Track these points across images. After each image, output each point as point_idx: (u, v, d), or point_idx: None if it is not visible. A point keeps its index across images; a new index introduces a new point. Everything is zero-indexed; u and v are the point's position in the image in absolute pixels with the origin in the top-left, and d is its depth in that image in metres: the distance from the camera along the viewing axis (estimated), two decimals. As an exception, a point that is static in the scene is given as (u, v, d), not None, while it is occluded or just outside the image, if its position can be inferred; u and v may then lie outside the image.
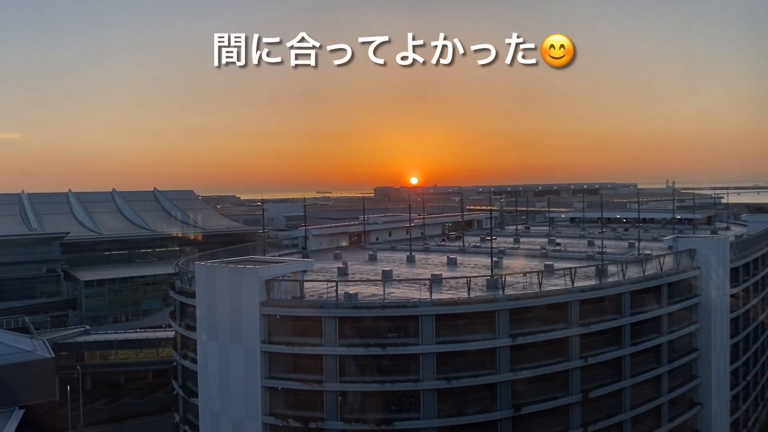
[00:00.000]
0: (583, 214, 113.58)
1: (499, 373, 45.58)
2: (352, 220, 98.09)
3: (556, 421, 48.44)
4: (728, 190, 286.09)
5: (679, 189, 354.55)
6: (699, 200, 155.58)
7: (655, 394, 54.87)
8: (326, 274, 59.04)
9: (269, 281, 45.55)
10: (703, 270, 58.79)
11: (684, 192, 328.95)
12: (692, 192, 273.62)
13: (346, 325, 44.52)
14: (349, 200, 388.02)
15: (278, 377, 45.31)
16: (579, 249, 74.00)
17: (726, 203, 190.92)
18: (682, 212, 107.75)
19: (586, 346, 49.24)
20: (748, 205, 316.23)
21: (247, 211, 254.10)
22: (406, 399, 44.90)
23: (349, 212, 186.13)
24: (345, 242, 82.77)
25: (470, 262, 66.09)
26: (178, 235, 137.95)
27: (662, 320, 54.98)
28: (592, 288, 50.25)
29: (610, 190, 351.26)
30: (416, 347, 44.27)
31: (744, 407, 67.76)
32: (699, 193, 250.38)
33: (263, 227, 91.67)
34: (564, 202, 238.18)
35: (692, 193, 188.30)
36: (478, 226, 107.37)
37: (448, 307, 44.99)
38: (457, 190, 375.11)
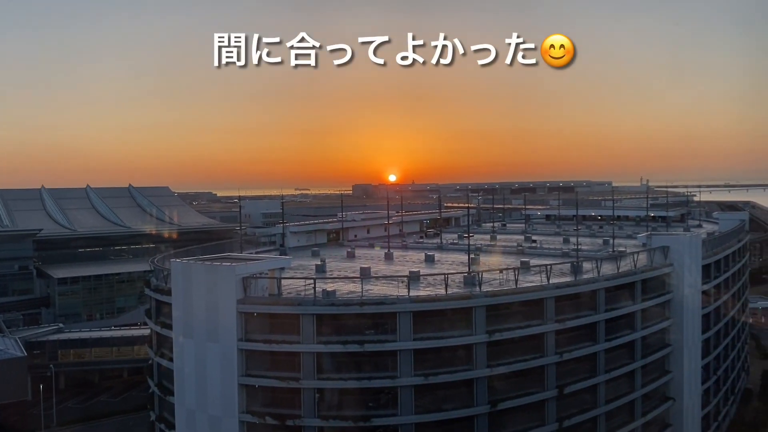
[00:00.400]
0: (559, 212, 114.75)
1: (476, 369, 45.92)
2: (331, 217, 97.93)
3: (532, 416, 48.98)
4: (700, 188, 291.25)
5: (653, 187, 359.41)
6: (672, 198, 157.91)
7: (629, 389, 55.71)
8: (304, 271, 58.91)
9: (246, 279, 45.33)
10: (675, 267, 59.80)
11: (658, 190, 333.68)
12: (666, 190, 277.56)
13: (323, 323, 44.51)
14: (328, 197, 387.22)
15: (255, 375, 45.14)
16: (554, 246, 74.76)
17: (698, 201, 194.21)
18: (655, 210, 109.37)
19: (561, 342, 49.83)
20: (719, 203, 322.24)
21: (224, 208, 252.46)
22: (383, 395, 45.04)
23: (328, 209, 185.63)
24: (323, 239, 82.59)
25: (448, 259, 66.41)
26: (154, 232, 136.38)
27: (636, 316, 55.83)
28: (568, 285, 50.83)
29: (585, 188, 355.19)
30: (394, 344, 44.42)
31: (715, 401, 69.13)
32: (672, 191, 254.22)
33: (240, 224, 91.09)
34: (540, 200, 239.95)
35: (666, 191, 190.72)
36: (455, 224, 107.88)
37: (425, 304, 45.20)
38: (435, 188, 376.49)
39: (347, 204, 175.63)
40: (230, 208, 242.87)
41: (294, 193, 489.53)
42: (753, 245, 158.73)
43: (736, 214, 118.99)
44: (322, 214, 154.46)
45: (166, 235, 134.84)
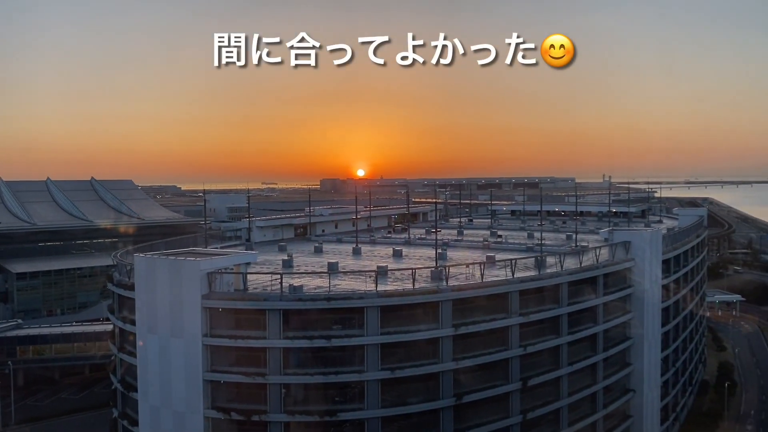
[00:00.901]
0: (524, 207, 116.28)
1: (442, 363, 46.33)
2: (298, 212, 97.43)
3: (497, 408, 49.63)
4: (661, 184, 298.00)
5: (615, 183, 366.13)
6: (634, 194, 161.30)
7: (591, 381, 56.84)
8: (270, 266, 58.51)
9: (211, 274, 44.83)
10: (636, 261, 61.13)
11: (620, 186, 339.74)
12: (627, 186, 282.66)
13: (290, 318, 44.35)
14: (295, 191, 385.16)
15: (220, 371, 44.75)
16: (519, 241, 75.70)
17: (659, 197, 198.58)
18: (617, 206, 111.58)
19: (525, 335, 50.57)
20: (679, 199, 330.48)
21: (189, 202, 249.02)
22: (350, 390, 45.13)
23: (295, 204, 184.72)
24: (290, 234, 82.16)
25: (415, 254, 66.73)
26: (117, 226, 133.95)
27: (598, 310, 56.94)
28: (532, 279, 51.56)
29: (549, 184, 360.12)
30: (361, 339, 44.50)
31: (673, 393, 70.98)
32: (634, 187, 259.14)
33: (205, 218, 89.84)
34: (506, 196, 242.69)
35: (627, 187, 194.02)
36: (423, 219, 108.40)
37: (393, 299, 45.35)
38: (403, 183, 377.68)
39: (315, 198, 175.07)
40: (195, 202, 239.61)
41: (261, 187, 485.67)
42: (711, 240, 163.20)
43: (695, 210, 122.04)
44: (290, 209, 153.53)
45: (130, 229, 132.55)
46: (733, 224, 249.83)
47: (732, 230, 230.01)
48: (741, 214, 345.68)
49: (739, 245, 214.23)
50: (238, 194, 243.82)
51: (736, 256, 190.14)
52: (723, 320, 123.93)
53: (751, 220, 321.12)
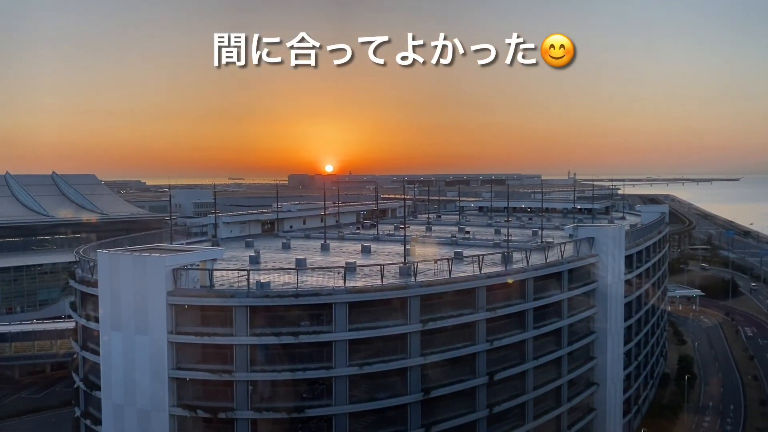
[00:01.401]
0: (491, 204, 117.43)
1: (410, 358, 46.56)
2: (265, 208, 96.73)
3: (464, 403, 50.08)
4: (624, 181, 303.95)
5: (579, 180, 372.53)
6: (598, 191, 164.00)
7: (556, 375, 57.76)
8: (237, 262, 58.07)
9: (176, 270, 44.30)
10: (600, 257, 62.24)
11: (584, 183, 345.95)
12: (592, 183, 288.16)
13: (257, 314, 44.06)
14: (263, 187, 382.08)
15: (186, 368, 44.27)
16: (486, 237, 76.40)
17: (622, 194, 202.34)
18: (582, 202, 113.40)
19: (492, 330, 51.13)
20: (642, 196, 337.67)
21: (154, 197, 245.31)
22: (318, 386, 45.05)
23: (262, 199, 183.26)
24: (257, 230, 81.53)
25: (384, 250, 66.85)
26: (79, 221, 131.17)
27: (563, 305, 57.85)
28: (498, 274, 52.12)
29: (516, 180, 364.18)
30: (329, 335, 44.45)
31: (635, 386, 72.54)
32: (598, 184, 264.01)
33: (170, 214, 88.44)
34: (473, 192, 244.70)
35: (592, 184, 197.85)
36: (392, 215, 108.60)
37: (361, 295, 45.40)
38: (371, 179, 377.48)
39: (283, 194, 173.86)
40: (160, 197, 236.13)
41: (228, 182, 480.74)
42: (672, 237, 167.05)
43: (657, 207, 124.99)
44: (257, 204, 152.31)
45: (93, 224, 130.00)
46: (693, 221, 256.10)
47: (692, 227, 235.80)
48: (701, 211, 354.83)
49: (699, 241, 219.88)
50: (204, 189, 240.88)
51: (697, 252, 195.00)
52: (683, 314, 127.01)
53: (711, 217, 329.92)
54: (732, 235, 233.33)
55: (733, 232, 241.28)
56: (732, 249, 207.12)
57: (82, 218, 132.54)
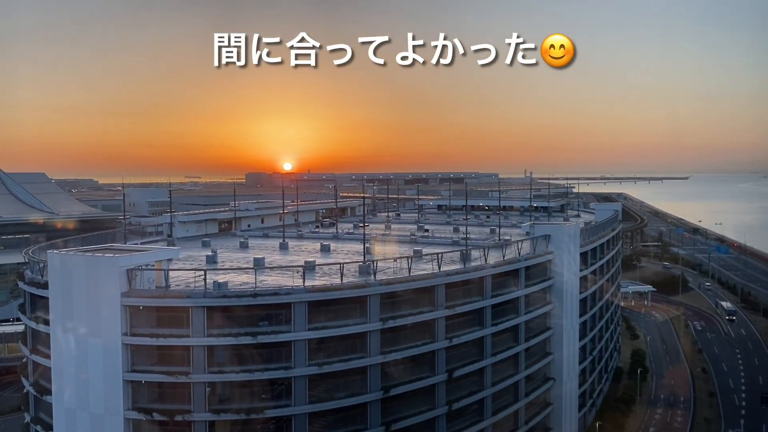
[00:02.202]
0: (450, 202, 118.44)
1: (370, 357, 46.57)
2: (223, 206, 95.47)
3: (423, 400, 50.37)
4: (579, 180, 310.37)
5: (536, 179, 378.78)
6: (553, 190, 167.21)
7: (514, 371, 58.59)
8: (194, 262, 57.14)
9: (131, 271, 43.34)
10: (556, 254, 63.37)
11: (540, 182, 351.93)
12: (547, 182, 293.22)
13: (215, 315, 43.43)
14: (220, 185, 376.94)
15: (141, 370, 43.36)
16: (445, 235, 76.98)
17: (577, 192, 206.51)
18: (538, 201, 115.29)
19: (451, 328, 51.55)
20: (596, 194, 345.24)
21: (107, 196, 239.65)
22: (277, 387, 44.67)
23: (219, 198, 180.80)
24: (214, 229, 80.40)
25: (343, 249, 66.71)
26: (28, 221, 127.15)
27: (520, 301, 58.70)
28: (457, 272, 52.57)
29: (474, 179, 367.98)
30: (288, 335, 44.12)
31: (590, 380, 74.13)
32: (553, 183, 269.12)
33: (124, 213, 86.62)
34: (432, 191, 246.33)
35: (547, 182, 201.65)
36: (351, 213, 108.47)
37: (320, 294, 45.19)
38: (330, 177, 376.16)
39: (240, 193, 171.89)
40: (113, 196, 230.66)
41: (184, 180, 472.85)
42: (625, 234, 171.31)
43: (611, 204, 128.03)
44: (214, 203, 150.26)
45: (42, 224, 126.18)
46: (645, 218, 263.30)
47: (644, 224, 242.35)
48: (652, 209, 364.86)
49: (651, 238, 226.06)
50: (159, 188, 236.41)
51: (648, 249, 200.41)
52: (636, 309, 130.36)
53: (662, 214, 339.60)
54: (682, 232, 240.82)
55: (682, 230, 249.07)
56: (682, 246, 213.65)
57: (31, 218, 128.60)
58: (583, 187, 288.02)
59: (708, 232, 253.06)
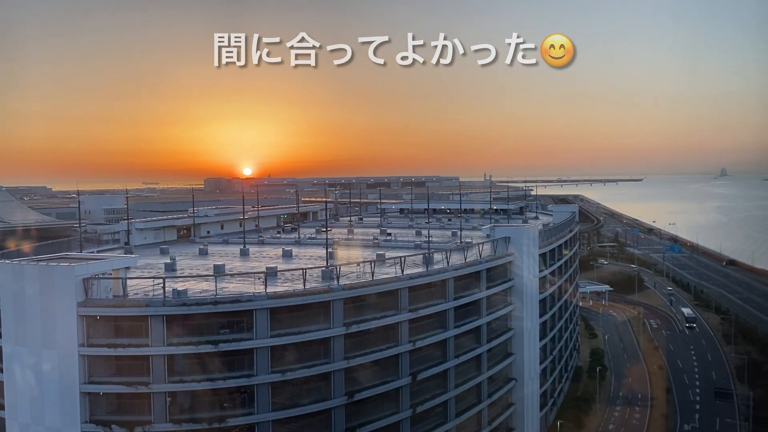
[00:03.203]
0: (412, 206, 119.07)
1: (334, 362, 46.42)
2: (181, 213, 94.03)
3: (388, 404, 50.44)
4: (537, 183, 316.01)
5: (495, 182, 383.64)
6: (512, 192, 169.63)
7: (476, 372, 59.17)
8: (152, 270, 56.14)
9: (87, 280, 42.33)
10: (516, 256, 64.30)
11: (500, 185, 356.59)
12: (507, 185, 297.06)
13: (174, 324, 42.71)
14: (178, 191, 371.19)
15: (99, 382, 42.36)
16: (408, 238, 77.34)
17: (535, 195, 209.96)
18: (498, 203, 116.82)
19: (414, 331, 51.78)
20: (553, 196, 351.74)
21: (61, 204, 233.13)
22: (239, 395, 44.17)
23: (178, 204, 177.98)
24: (173, 236, 79.12)
25: (306, 254, 66.40)
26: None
27: (482, 303, 59.36)
28: (420, 275, 52.87)
29: (435, 183, 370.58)
30: (250, 342, 43.65)
31: (551, 380, 75.34)
32: (512, 185, 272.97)
33: (79, 221, 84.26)
34: (394, 194, 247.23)
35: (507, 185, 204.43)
36: (313, 218, 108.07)
37: (282, 300, 44.86)
38: (292, 182, 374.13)
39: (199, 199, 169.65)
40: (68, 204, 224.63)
41: (141, 187, 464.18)
42: (582, 235, 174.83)
43: (568, 206, 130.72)
44: (172, 210, 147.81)
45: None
46: (601, 219, 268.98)
47: (600, 225, 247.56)
48: (608, 210, 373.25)
49: (607, 239, 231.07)
50: (115, 195, 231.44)
51: (605, 249, 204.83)
52: (594, 309, 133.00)
53: (617, 215, 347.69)
54: (637, 232, 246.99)
55: (637, 230, 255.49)
56: (637, 246, 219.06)
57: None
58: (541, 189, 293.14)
59: (662, 232, 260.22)
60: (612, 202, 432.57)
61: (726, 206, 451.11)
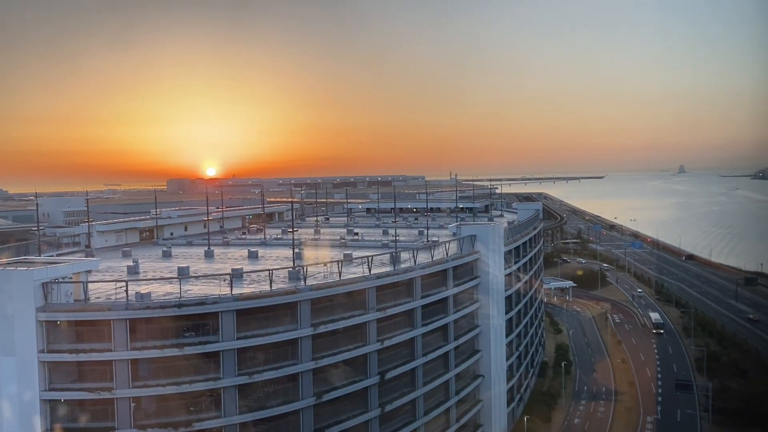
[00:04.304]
0: (378, 205, 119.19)
1: (301, 363, 46.12)
2: (143, 215, 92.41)
3: (356, 404, 50.35)
4: (501, 181, 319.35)
5: (461, 181, 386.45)
6: (478, 191, 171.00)
7: (444, 370, 59.47)
8: (114, 273, 55.07)
9: (47, 284, 41.22)
10: (482, 254, 64.85)
11: (466, 183, 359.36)
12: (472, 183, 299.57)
13: (138, 327, 41.88)
14: (140, 193, 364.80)
15: (60, 388, 41.30)
16: (375, 238, 77.36)
17: (500, 193, 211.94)
18: (464, 202, 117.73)
19: (382, 330, 51.79)
20: (517, 194, 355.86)
21: (18, 207, 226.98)
22: (205, 398, 43.56)
23: (140, 206, 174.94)
24: (135, 238, 77.72)
25: (272, 255, 65.88)
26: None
27: (449, 301, 59.69)
28: (387, 274, 52.89)
29: (401, 182, 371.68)
30: (216, 345, 43.07)
31: (518, 375, 76.18)
32: (478, 184, 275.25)
33: (38, 224, 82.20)
34: (360, 194, 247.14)
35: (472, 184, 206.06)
36: (279, 218, 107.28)
37: (249, 302, 44.35)
38: (257, 182, 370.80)
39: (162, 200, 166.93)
40: (26, 206, 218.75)
41: (102, 188, 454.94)
42: (546, 232, 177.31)
43: (532, 204, 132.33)
44: (134, 211, 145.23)
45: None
46: (564, 216, 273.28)
47: (564, 222, 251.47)
48: (571, 207, 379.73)
49: (570, 235, 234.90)
50: (76, 197, 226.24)
51: (568, 246, 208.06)
52: (558, 305, 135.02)
53: (580, 212, 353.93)
54: (599, 229, 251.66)
55: (600, 227, 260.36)
56: (599, 242, 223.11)
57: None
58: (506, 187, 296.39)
59: (623, 228, 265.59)
60: (575, 200, 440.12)
61: (684, 202, 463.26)
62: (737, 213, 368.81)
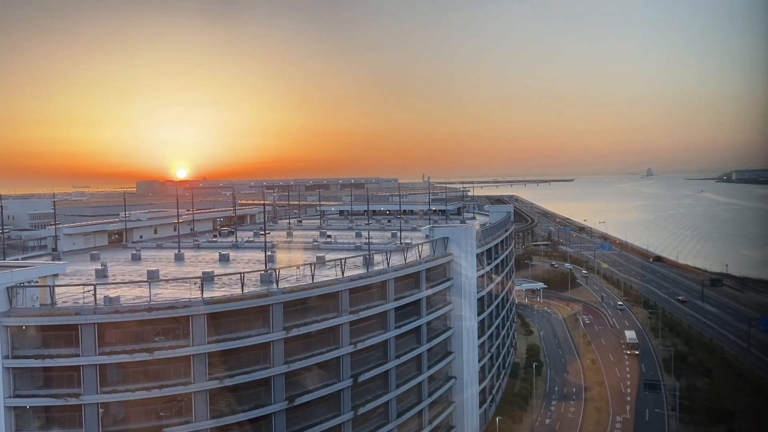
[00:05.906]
0: (351, 207, 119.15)
1: (273, 367, 45.80)
2: (112, 217, 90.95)
3: (329, 407, 50.18)
4: (473, 184, 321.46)
5: (433, 183, 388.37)
6: (450, 193, 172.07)
7: (417, 372, 59.62)
8: (82, 277, 54.03)
9: (11, 288, 40.33)
10: (454, 256, 65.20)
11: (438, 186, 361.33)
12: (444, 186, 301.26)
13: (106, 332, 41.18)
14: (109, 195, 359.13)
15: (26, 395, 40.40)
16: (348, 240, 77.24)
17: (472, 196, 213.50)
18: (436, 204, 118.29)
19: (355, 332, 51.72)
20: (489, 197, 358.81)
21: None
22: (176, 403, 42.97)
23: (109, 208, 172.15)
24: (104, 241, 76.40)
25: (244, 258, 65.33)
26: None
27: (421, 303, 59.86)
28: (360, 277, 52.84)
29: (374, 184, 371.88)
30: (187, 349, 42.53)
31: (489, 377, 76.73)
32: (450, 186, 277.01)
33: (2, 227, 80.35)
34: (333, 196, 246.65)
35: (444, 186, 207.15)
36: (251, 221, 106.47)
37: (220, 305, 43.92)
38: (228, 185, 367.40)
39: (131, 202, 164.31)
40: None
41: (70, 191, 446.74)
42: (517, 234, 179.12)
43: (503, 206, 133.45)
44: (103, 214, 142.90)
45: None
46: (535, 219, 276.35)
47: (535, 224, 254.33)
48: (542, 210, 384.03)
49: (541, 237, 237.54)
50: (42, 199, 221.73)
51: (539, 248, 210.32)
52: (529, 306, 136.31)
53: (550, 215, 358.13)
54: (569, 231, 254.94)
55: (570, 229, 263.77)
56: (569, 244, 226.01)
57: None
58: (478, 190, 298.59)
59: (593, 230, 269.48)
60: (545, 202, 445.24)
61: (651, 205, 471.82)
62: (703, 215, 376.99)
